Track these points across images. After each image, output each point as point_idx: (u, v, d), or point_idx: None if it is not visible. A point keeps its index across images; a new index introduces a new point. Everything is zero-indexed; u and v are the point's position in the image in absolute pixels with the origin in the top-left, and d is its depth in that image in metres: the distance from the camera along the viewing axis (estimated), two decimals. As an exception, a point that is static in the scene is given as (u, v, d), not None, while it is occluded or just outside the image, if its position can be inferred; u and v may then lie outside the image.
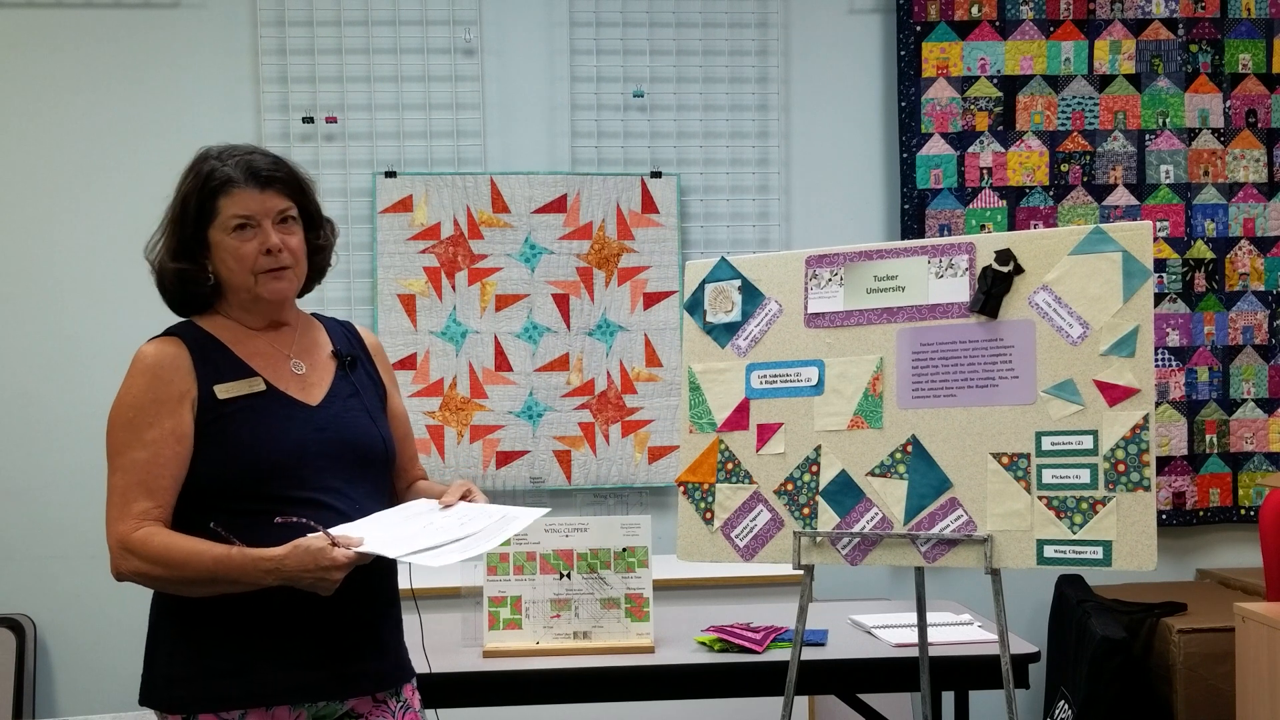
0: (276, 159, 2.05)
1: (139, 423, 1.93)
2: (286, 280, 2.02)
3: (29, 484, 3.96)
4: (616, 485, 4.06)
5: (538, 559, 2.75)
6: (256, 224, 1.98)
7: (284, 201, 2.02)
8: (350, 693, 2.00)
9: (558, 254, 4.03)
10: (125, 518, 1.91)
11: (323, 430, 2.00)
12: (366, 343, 2.21)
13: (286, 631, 1.93)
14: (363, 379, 2.13)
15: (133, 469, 1.92)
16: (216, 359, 1.99)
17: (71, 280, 3.98)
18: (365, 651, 2.01)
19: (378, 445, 2.07)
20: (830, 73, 4.18)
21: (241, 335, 2.04)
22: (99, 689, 3.94)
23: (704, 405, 2.36)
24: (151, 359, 1.98)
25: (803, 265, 2.31)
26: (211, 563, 1.85)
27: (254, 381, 1.99)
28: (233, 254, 1.99)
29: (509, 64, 4.10)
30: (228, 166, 2.00)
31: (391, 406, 2.19)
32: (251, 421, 1.95)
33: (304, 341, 2.10)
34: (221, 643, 1.92)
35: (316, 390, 2.05)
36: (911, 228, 4.11)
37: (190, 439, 1.94)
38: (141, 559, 1.88)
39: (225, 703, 1.91)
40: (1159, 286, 4.15)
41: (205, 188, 2.00)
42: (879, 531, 2.18)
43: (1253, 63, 4.18)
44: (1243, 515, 4.17)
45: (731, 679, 2.68)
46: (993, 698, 2.80)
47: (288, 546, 1.84)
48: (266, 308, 2.05)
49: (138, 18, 4.00)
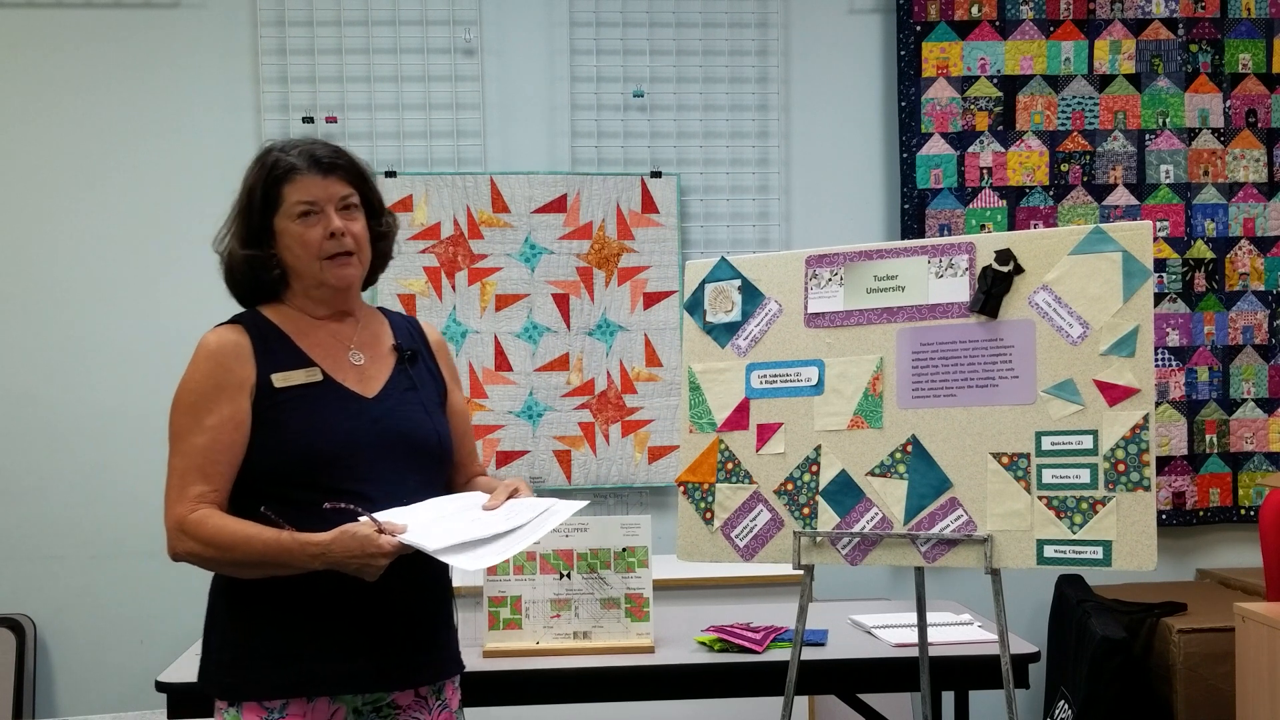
0: (338, 148, 2.09)
1: (200, 408, 1.97)
2: (352, 266, 2.05)
3: (29, 484, 3.96)
4: (616, 485, 4.06)
5: (538, 559, 2.75)
6: (320, 209, 2.02)
7: (346, 188, 2.06)
8: (390, 685, 2.02)
9: (558, 254, 4.03)
10: (183, 500, 1.95)
11: (377, 422, 2.02)
12: (430, 339, 2.22)
13: (330, 622, 1.95)
14: (422, 374, 2.14)
15: (192, 453, 1.96)
16: (277, 348, 2.03)
17: (72, 280, 3.98)
18: (408, 644, 2.01)
19: (431, 439, 2.08)
20: (830, 73, 4.18)
21: (305, 325, 2.07)
22: (99, 689, 3.95)
23: (704, 405, 2.36)
24: (214, 346, 2.01)
25: (803, 265, 2.31)
26: (262, 546, 1.89)
27: (311, 371, 2.02)
28: (298, 240, 2.02)
29: (509, 64, 4.10)
30: (291, 156, 2.05)
31: (451, 403, 2.20)
32: (306, 411, 1.99)
33: (365, 334, 2.12)
34: (266, 631, 1.96)
35: (374, 383, 2.07)
36: (911, 228, 4.11)
37: (248, 426, 1.98)
38: (196, 541, 1.93)
39: (268, 691, 1.94)
40: (1159, 286, 4.15)
41: (270, 176, 2.04)
42: (879, 531, 2.18)
43: (1253, 63, 4.18)
44: (1243, 515, 4.17)
45: (731, 679, 2.68)
46: (993, 698, 2.80)
47: (335, 532, 1.87)
48: (331, 295, 2.07)
49: (138, 18, 4.00)
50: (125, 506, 3.95)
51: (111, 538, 3.95)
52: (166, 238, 3.99)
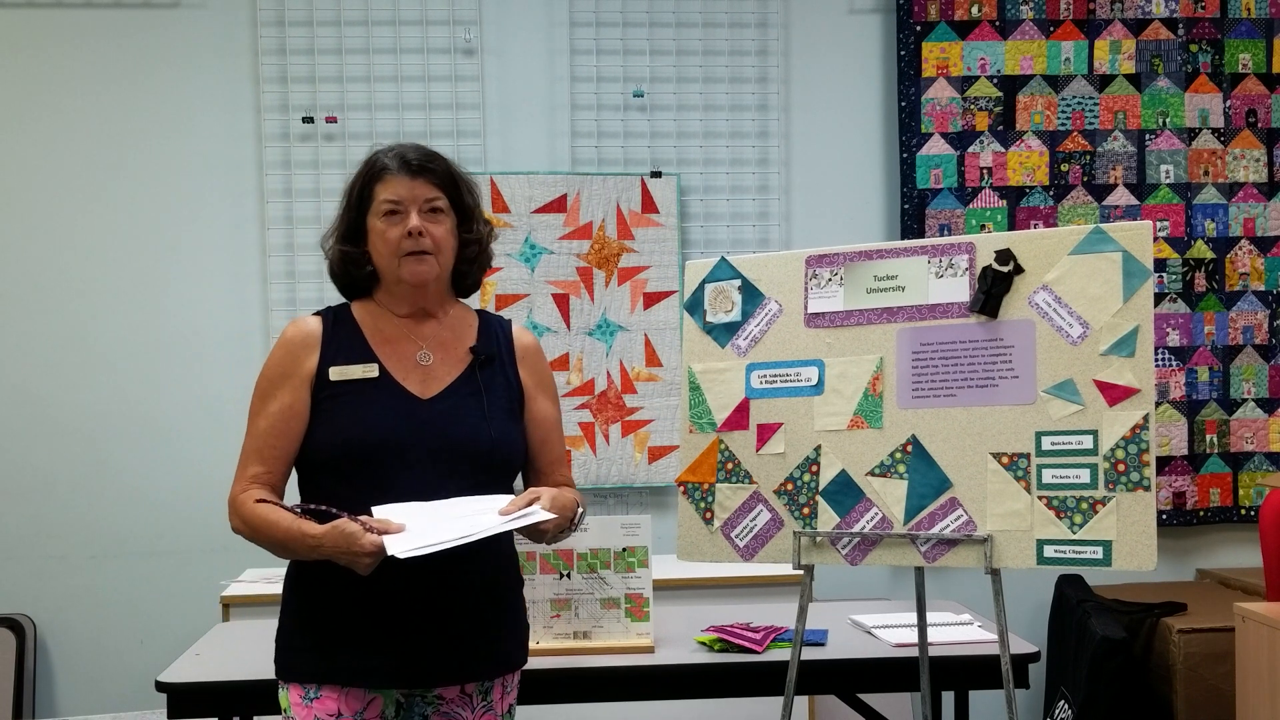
0: (433, 153, 2.15)
1: (267, 393, 2.07)
2: (427, 265, 2.09)
3: (30, 483, 3.96)
4: (616, 485, 4.06)
5: (538, 559, 2.75)
6: (404, 210, 2.08)
7: (432, 191, 2.10)
8: (421, 682, 2.04)
9: (558, 254, 4.03)
10: (241, 479, 2.06)
11: (426, 424, 2.04)
12: (516, 343, 2.22)
13: (366, 615, 2.00)
14: (494, 378, 2.14)
15: (255, 435, 2.07)
16: (346, 341, 2.10)
17: (73, 279, 3.98)
18: (441, 643, 2.03)
19: (484, 445, 2.07)
20: (830, 73, 4.18)
21: (383, 321, 2.13)
22: (99, 689, 3.95)
23: (704, 405, 2.36)
24: (289, 335, 2.11)
25: (803, 265, 2.31)
26: (274, 531, 1.99)
27: (369, 367, 2.07)
28: (381, 237, 2.09)
29: (509, 64, 4.10)
30: (386, 157, 2.12)
31: (533, 410, 2.19)
32: (355, 405, 2.04)
33: (444, 334, 2.15)
34: (314, 619, 2.04)
35: (436, 384, 2.09)
36: (911, 228, 4.11)
37: (304, 416, 2.06)
38: (238, 518, 2.04)
39: (306, 675, 2.03)
40: (1159, 286, 4.15)
41: (367, 176, 2.12)
42: (879, 531, 2.18)
43: (1253, 63, 4.18)
44: (1243, 515, 4.17)
45: (731, 679, 2.67)
46: (993, 698, 2.80)
47: (328, 526, 1.94)
48: (409, 292, 2.11)
49: (138, 18, 4.00)
50: (126, 506, 3.96)
51: (111, 538, 3.95)
52: (167, 237, 3.99)
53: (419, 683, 2.04)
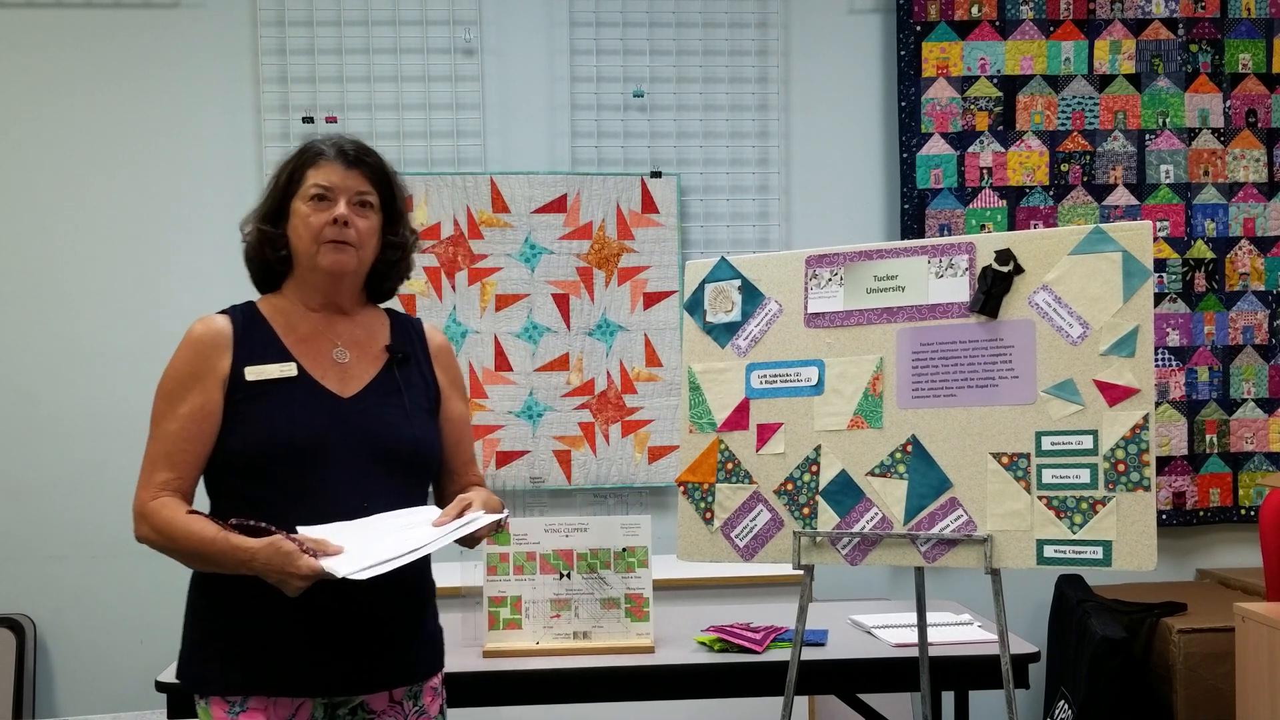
0: (369, 148, 2.11)
1: (174, 395, 2.00)
2: (347, 255, 2.05)
3: (29, 484, 3.96)
4: (616, 485, 4.06)
5: (538, 559, 2.75)
6: (333, 198, 2.04)
7: (365, 185, 2.07)
8: (347, 689, 2.00)
9: (558, 254, 4.03)
10: (148, 485, 1.99)
11: (347, 422, 2.01)
12: (430, 343, 2.21)
13: (292, 623, 1.94)
14: (412, 377, 2.12)
15: (163, 439, 1.99)
16: (258, 340, 2.04)
17: (72, 280, 3.98)
18: (369, 649, 2.00)
19: (406, 444, 2.05)
20: (830, 73, 4.18)
21: (296, 318, 2.08)
22: (99, 689, 3.95)
23: (704, 405, 2.36)
24: (196, 334, 2.04)
25: (803, 265, 2.31)
26: (198, 543, 1.91)
27: (286, 367, 2.02)
28: (304, 221, 2.04)
29: (509, 64, 4.10)
30: (324, 144, 2.09)
31: (447, 410, 2.18)
32: (274, 405, 1.98)
33: (358, 332, 2.11)
34: (232, 627, 1.97)
35: (354, 382, 2.06)
36: (911, 228, 4.11)
37: (218, 418, 1.99)
38: (150, 527, 1.96)
39: (228, 687, 1.96)
40: (1159, 286, 4.15)
41: (300, 159, 2.08)
42: (879, 531, 2.18)
43: (1253, 63, 4.18)
44: (1243, 515, 4.17)
45: (731, 679, 2.68)
46: (993, 698, 2.81)
47: (264, 541, 1.86)
48: (323, 281, 2.07)
49: (138, 18, 4.00)
50: (125, 506, 3.90)
51: (111, 538, 3.95)
52: (167, 237, 3.99)
53: (347, 689, 1.99)
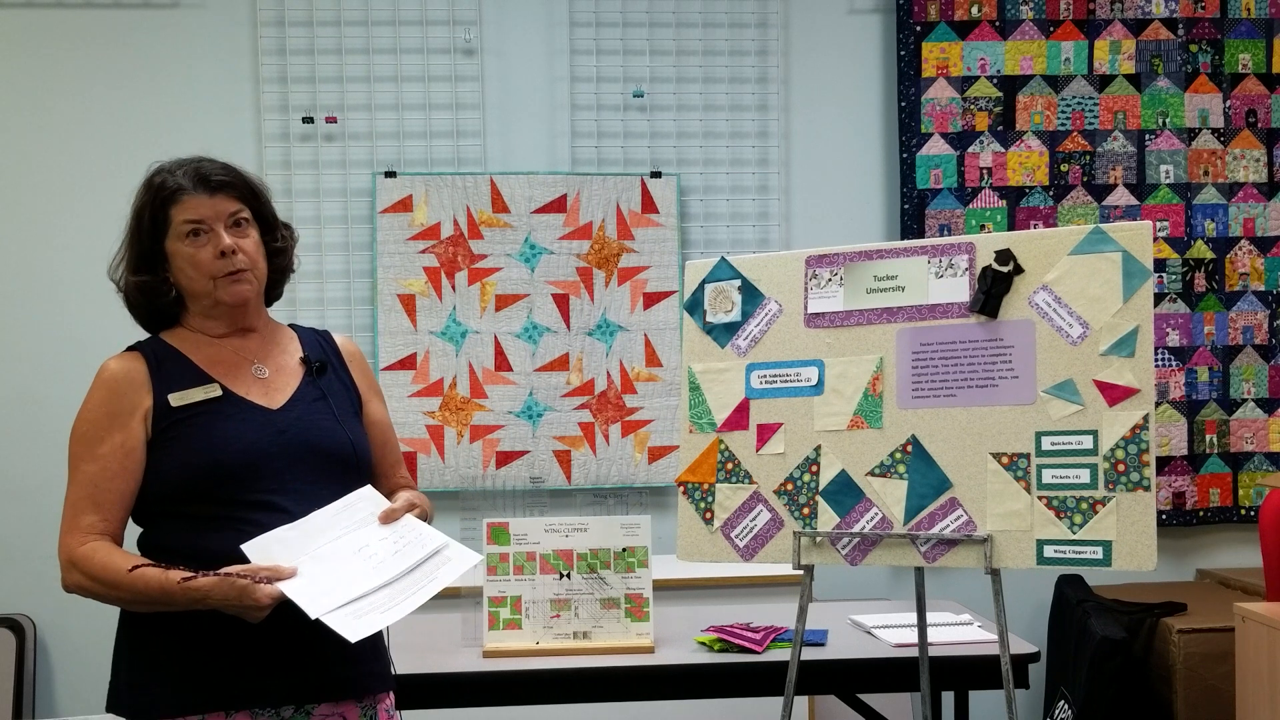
0: (225, 165, 2.07)
1: (92, 436, 1.96)
2: (245, 282, 2.03)
3: (29, 484, 3.95)
4: (616, 485, 4.06)
5: (538, 559, 2.75)
6: (209, 228, 2.00)
7: (234, 204, 2.04)
8: (306, 699, 1.98)
9: (558, 254, 4.03)
10: (74, 531, 1.93)
11: (283, 432, 2.00)
12: (342, 350, 2.20)
13: (243, 637, 1.91)
14: (333, 384, 2.12)
15: (84, 482, 1.95)
16: (174, 369, 2.01)
17: (72, 280, 3.98)
18: (325, 659, 1.97)
19: (344, 448, 2.05)
20: (830, 73, 4.18)
21: (204, 344, 2.06)
22: (99, 689, 3.91)
23: (704, 405, 2.36)
24: (109, 374, 2.02)
25: (803, 265, 2.31)
26: (144, 587, 1.87)
27: (210, 388, 2.00)
28: (189, 261, 2.00)
29: (509, 64, 4.10)
30: (176, 176, 2.02)
31: (369, 413, 2.18)
32: (207, 425, 1.96)
33: (269, 347, 2.11)
34: (172, 650, 1.94)
35: (279, 394, 2.05)
36: (911, 228, 4.11)
37: (140, 452, 1.96)
38: (83, 574, 1.91)
39: (183, 708, 1.93)
40: (1159, 286, 4.15)
41: (157, 199, 2.01)
42: (879, 531, 2.18)
43: (1253, 63, 4.18)
44: (1243, 515, 4.17)
45: (731, 679, 2.68)
46: (993, 698, 2.80)
47: (214, 579, 1.84)
48: (228, 313, 2.06)
49: (138, 18, 4.00)
50: (125, 506, 3.95)
51: (111, 538, 3.95)
52: (166, 238, 3.99)
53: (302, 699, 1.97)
